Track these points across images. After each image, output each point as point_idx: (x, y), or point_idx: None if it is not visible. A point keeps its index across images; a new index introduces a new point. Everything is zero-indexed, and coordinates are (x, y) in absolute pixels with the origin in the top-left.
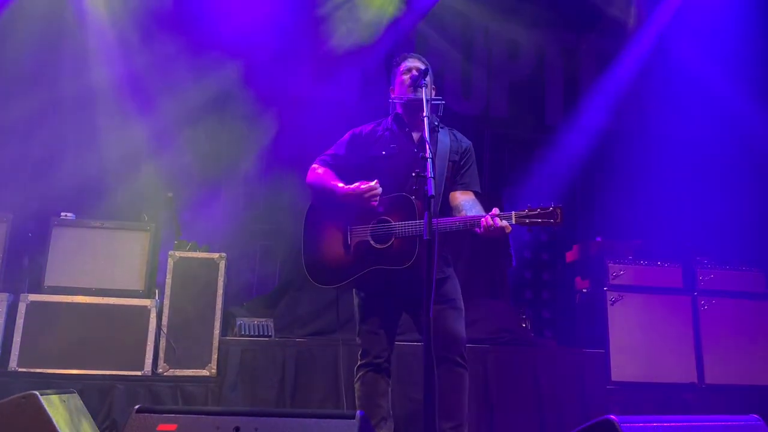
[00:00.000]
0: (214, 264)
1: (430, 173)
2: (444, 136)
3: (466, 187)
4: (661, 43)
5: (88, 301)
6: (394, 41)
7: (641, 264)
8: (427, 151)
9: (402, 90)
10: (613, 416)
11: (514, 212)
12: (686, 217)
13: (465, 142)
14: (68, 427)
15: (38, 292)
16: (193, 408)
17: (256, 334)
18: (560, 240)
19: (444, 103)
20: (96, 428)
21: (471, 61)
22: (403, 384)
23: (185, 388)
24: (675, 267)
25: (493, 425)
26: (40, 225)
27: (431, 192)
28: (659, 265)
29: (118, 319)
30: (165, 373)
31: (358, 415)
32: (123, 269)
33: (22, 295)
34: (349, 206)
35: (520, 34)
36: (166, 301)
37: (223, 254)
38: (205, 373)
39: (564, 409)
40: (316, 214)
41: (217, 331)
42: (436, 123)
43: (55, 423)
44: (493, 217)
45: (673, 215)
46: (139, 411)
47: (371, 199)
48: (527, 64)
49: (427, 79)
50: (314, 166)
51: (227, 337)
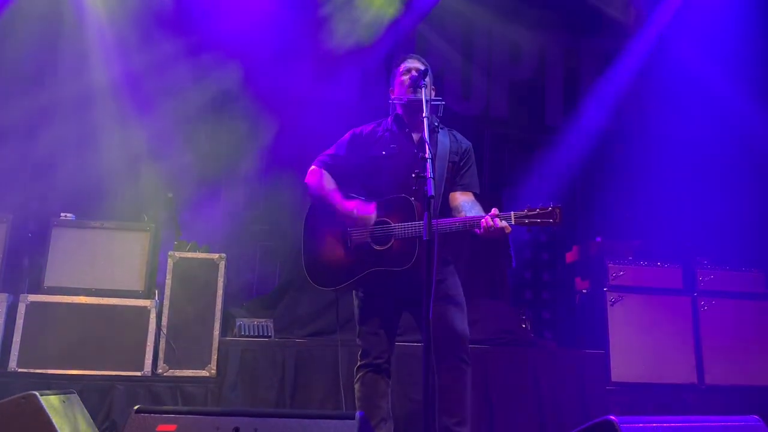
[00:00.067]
0: (214, 264)
1: (429, 174)
2: (444, 137)
3: (466, 188)
4: (661, 44)
5: (88, 302)
6: (395, 41)
7: (641, 264)
8: (427, 152)
9: (402, 91)
10: (613, 417)
11: (513, 213)
12: (686, 218)
13: (465, 143)
14: (68, 428)
15: (38, 293)
16: (193, 408)
17: (256, 334)
18: (560, 240)
19: (444, 103)
20: (95, 429)
21: (471, 61)
22: (403, 384)
23: (185, 389)
24: (675, 267)
25: (493, 426)
26: (40, 225)
27: (431, 192)
28: (659, 266)
29: (117, 320)
30: (165, 374)
31: (358, 415)
32: (123, 269)
33: (22, 296)
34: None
35: (520, 34)
36: (166, 302)
37: (223, 255)
38: (205, 373)
39: (564, 410)
40: (316, 217)
41: (216, 332)
42: (436, 124)
43: (54, 423)
44: (493, 217)
45: (673, 215)
46: (139, 411)
47: (363, 226)
48: (527, 64)
49: (427, 79)
50: (313, 167)
51: (227, 338)
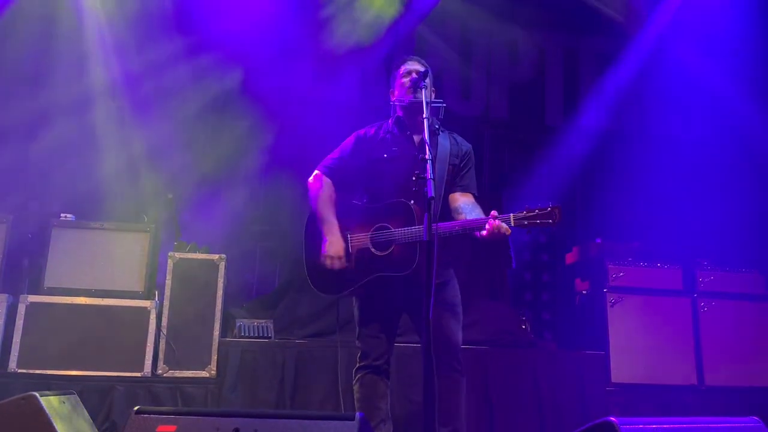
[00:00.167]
0: (214, 265)
1: (429, 175)
2: (444, 139)
3: (466, 189)
4: (660, 44)
5: (88, 302)
6: (394, 42)
7: (641, 265)
8: (427, 153)
9: (402, 92)
10: (613, 418)
11: (512, 214)
12: (686, 219)
13: (465, 146)
14: (67, 428)
15: (38, 293)
16: (193, 409)
17: (256, 335)
18: (560, 241)
19: (445, 105)
20: (95, 429)
21: (471, 61)
22: (403, 385)
23: (185, 389)
24: (675, 269)
25: (493, 427)
26: (40, 226)
27: (431, 194)
28: (659, 267)
29: (117, 320)
30: (164, 374)
31: (358, 416)
32: (123, 270)
33: (22, 296)
34: (348, 213)
35: (519, 34)
36: (166, 302)
37: (223, 255)
38: (205, 374)
39: (564, 411)
40: (316, 223)
41: (216, 332)
42: (436, 126)
43: (54, 424)
44: (494, 219)
45: (672, 216)
46: (139, 412)
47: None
48: (527, 64)
49: (427, 81)
50: (317, 171)
51: (227, 339)
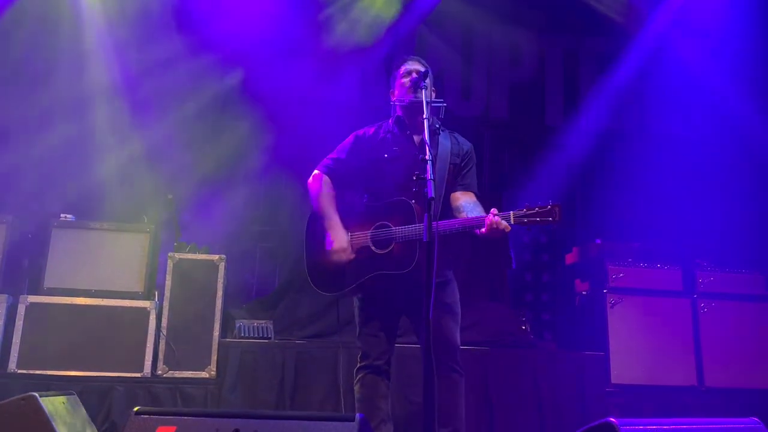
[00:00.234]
0: (214, 265)
1: (429, 175)
2: (445, 139)
3: (467, 188)
4: (660, 44)
5: (88, 303)
6: (395, 42)
7: (641, 266)
8: (427, 153)
9: (402, 92)
10: (612, 419)
11: (512, 212)
12: (686, 219)
13: (466, 145)
14: (67, 429)
15: (38, 294)
16: (193, 410)
17: (256, 335)
18: (560, 242)
19: (445, 105)
20: (95, 430)
21: (471, 62)
22: (403, 386)
23: (185, 390)
24: (675, 269)
25: (493, 427)
26: (40, 226)
27: (431, 194)
28: (659, 268)
29: (117, 321)
30: (164, 375)
31: (358, 417)
32: (123, 271)
33: (22, 297)
34: (349, 211)
35: (520, 35)
36: (166, 303)
37: (223, 256)
38: (205, 374)
39: (564, 412)
40: (317, 222)
41: (216, 333)
42: (437, 126)
43: (54, 425)
44: (494, 216)
45: (672, 217)
46: (139, 413)
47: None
48: (527, 64)
49: (427, 81)
50: (316, 171)
51: (227, 339)
